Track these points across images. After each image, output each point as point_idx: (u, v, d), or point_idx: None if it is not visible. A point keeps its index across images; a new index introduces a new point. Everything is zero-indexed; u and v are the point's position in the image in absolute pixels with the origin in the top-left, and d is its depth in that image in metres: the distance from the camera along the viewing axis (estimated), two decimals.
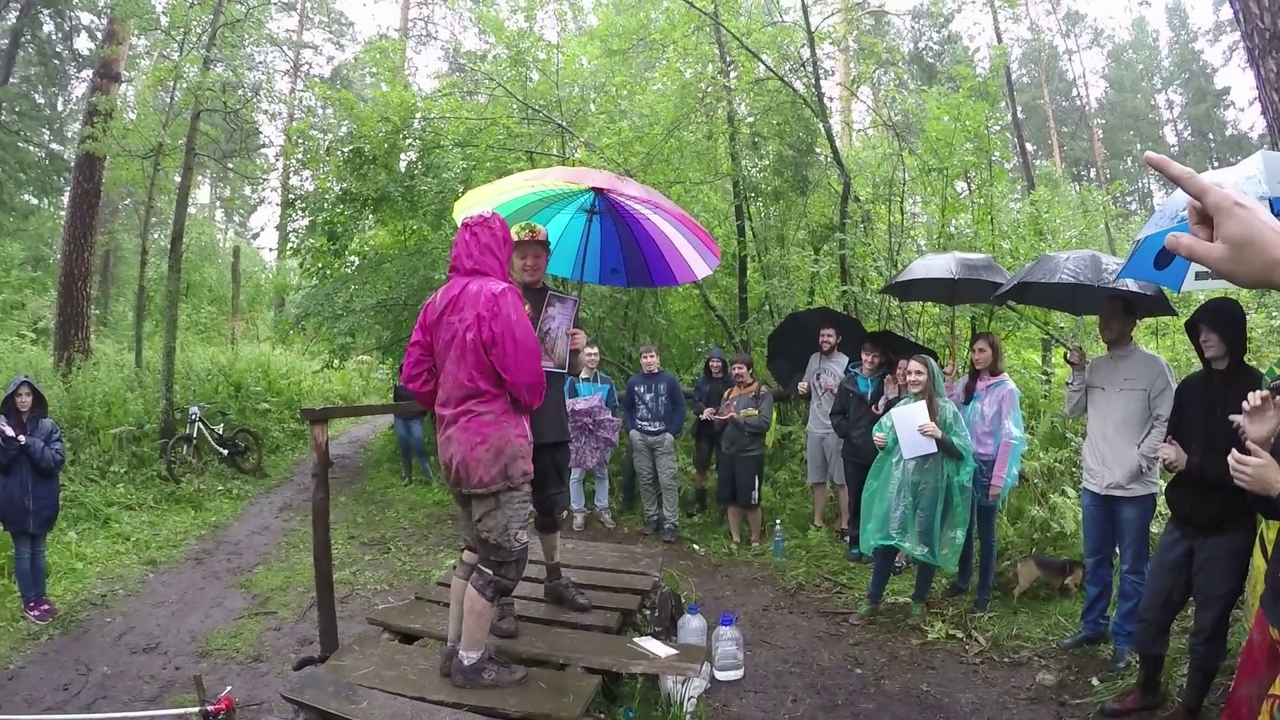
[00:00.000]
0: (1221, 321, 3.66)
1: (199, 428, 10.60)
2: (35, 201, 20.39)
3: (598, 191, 4.17)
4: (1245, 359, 3.75)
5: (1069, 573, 5.57)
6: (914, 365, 5.27)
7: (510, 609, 4.00)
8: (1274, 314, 7.95)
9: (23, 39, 17.77)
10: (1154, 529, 4.70)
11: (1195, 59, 37.06)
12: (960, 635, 5.17)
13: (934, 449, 5.05)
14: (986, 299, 7.10)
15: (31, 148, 19.18)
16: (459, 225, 3.44)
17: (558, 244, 4.72)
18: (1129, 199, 32.04)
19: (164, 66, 11.97)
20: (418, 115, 11.10)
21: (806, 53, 10.31)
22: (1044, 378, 8.85)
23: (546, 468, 4.07)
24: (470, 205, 4.14)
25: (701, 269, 4.68)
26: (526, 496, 3.41)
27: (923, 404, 5.13)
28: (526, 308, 3.40)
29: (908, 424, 5.12)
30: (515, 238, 3.71)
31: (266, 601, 6.27)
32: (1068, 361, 4.98)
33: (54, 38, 18.58)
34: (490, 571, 3.31)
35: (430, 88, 16.75)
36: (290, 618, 5.90)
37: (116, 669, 4.94)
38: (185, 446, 10.34)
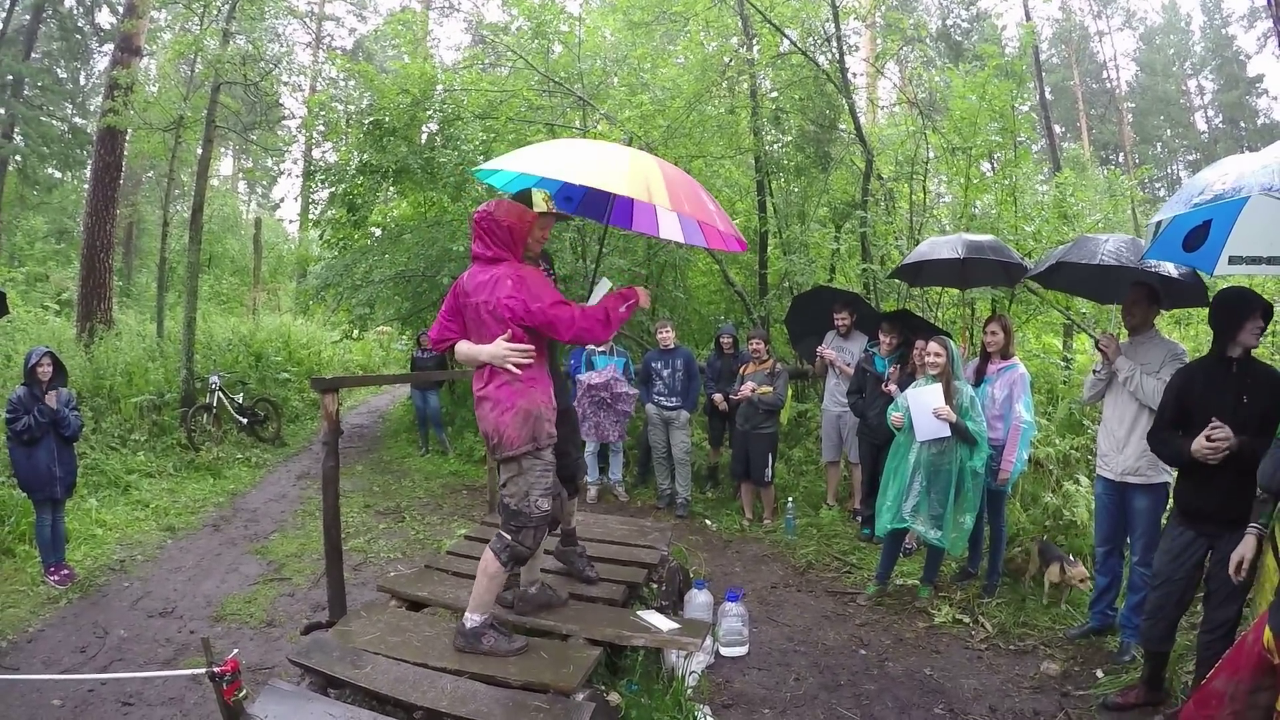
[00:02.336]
0: (1265, 306, 3.62)
1: (219, 397, 10.73)
2: (58, 175, 20.67)
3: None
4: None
5: (1047, 564, 5.39)
6: (934, 346, 5.19)
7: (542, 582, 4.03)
8: None
9: (45, 14, 17.91)
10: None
11: (1228, 45, 36.27)
12: (967, 620, 5.14)
13: (947, 433, 4.99)
14: (998, 282, 6.97)
15: (54, 122, 19.42)
16: (473, 214, 3.50)
17: None
18: (1157, 185, 31.50)
19: (184, 39, 11.98)
20: (438, 87, 11.06)
21: (831, 27, 10.15)
22: (1064, 364, 8.74)
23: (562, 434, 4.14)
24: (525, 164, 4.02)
25: (734, 245, 4.44)
26: (550, 464, 3.45)
27: (938, 387, 5.07)
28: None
29: (922, 406, 5.06)
30: (544, 208, 3.73)
31: (281, 568, 6.36)
32: (1099, 349, 4.86)
33: (75, 12, 18.75)
34: (509, 537, 3.37)
35: (452, 60, 16.74)
36: (304, 584, 5.98)
37: (133, 632, 5.04)
38: (205, 415, 10.48)
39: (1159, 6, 39.93)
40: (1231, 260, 3.80)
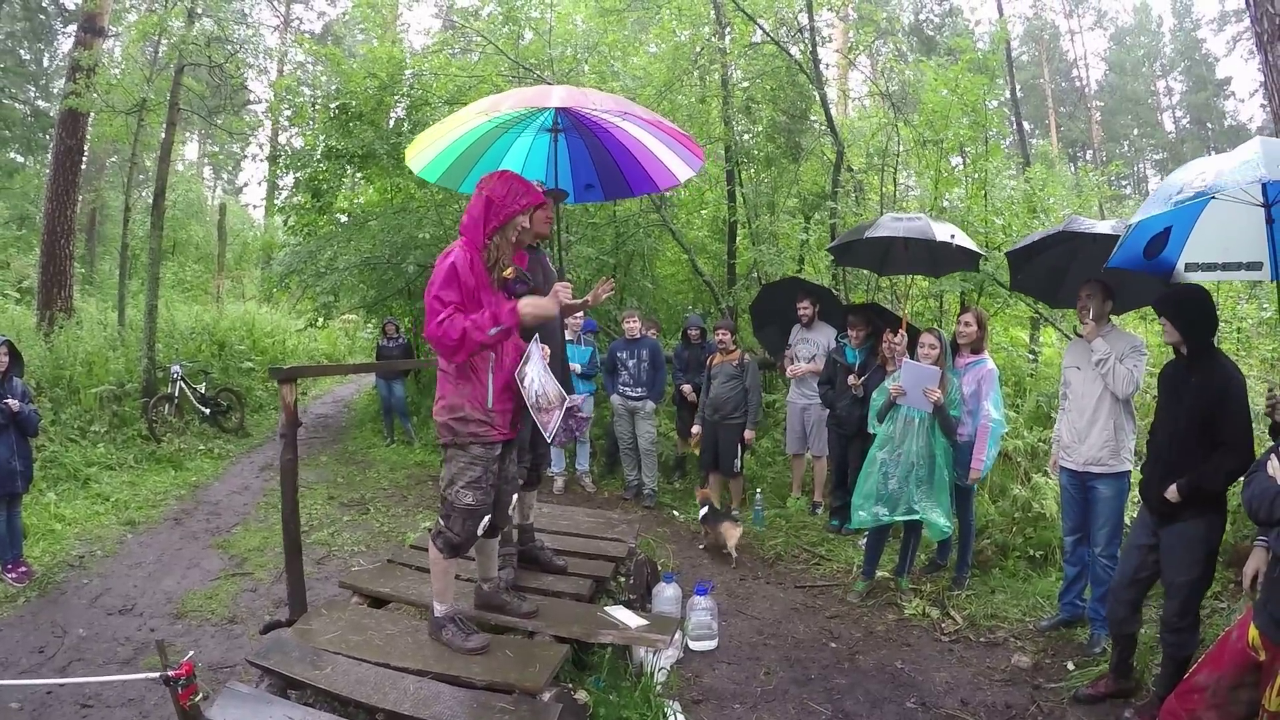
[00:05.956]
0: (1171, 309, 3.61)
1: (180, 387, 10.52)
2: (20, 159, 20.17)
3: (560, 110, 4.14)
4: (1213, 346, 3.66)
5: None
6: (929, 339, 5.26)
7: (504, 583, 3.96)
8: (1265, 305, 7.87)
9: None
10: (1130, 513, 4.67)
11: (1198, 47, 36.94)
12: (936, 613, 5.14)
13: (928, 409, 5.04)
14: (917, 271, 7.12)
15: (16, 104, 18.99)
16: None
17: (524, 168, 4.57)
18: (1123, 182, 31.96)
19: (148, 20, 11.69)
20: (407, 72, 10.90)
21: (804, 18, 10.12)
22: (1031, 356, 8.80)
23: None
24: (422, 146, 4.24)
25: (683, 171, 4.56)
26: (475, 459, 3.32)
27: (938, 370, 5.10)
28: (509, 272, 3.32)
29: (915, 377, 5.09)
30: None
31: (243, 563, 6.22)
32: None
33: None
34: (442, 522, 3.37)
35: (421, 45, 16.53)
36: (267, 579, 5.85)
37: (92, 631, 4.90)
38: (167, 406, 10.27)
39: (1130, 7, 40.55)
40: (1188, 268, 3.82)
